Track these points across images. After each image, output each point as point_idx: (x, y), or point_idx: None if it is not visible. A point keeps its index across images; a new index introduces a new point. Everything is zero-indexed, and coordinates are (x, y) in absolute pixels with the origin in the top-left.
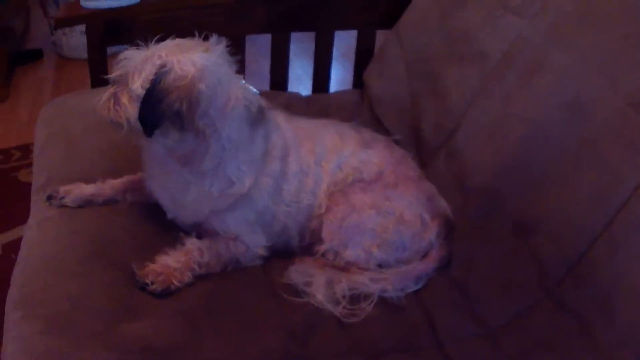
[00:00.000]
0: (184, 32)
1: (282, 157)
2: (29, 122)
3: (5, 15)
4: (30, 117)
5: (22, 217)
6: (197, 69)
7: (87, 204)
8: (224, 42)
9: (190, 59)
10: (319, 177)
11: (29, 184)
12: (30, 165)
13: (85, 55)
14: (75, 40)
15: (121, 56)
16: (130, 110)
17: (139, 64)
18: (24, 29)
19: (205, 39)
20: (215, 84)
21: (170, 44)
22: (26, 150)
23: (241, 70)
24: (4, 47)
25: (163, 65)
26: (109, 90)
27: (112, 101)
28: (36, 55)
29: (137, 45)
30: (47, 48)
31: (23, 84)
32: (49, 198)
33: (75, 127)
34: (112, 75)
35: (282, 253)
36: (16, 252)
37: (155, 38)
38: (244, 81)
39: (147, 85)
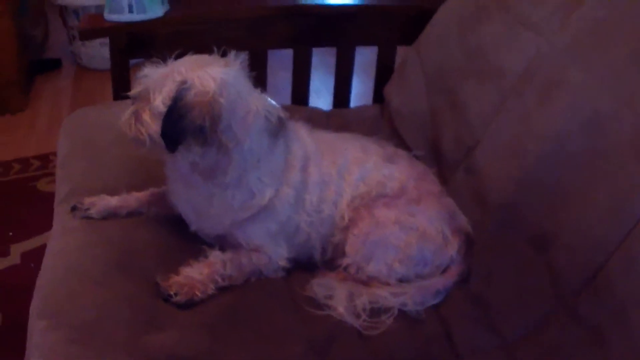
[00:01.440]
0: (206, 46)
1: (303, 167)
2: (48, 131)
3: (25, 24)
4: (49, 126)
5: (40, 226)
6: (217, 83)
7: (111, 215)
8: (241, 57)
9: (210, 74)
10: (340, 188)
11: (48, 194)
12: (49, 174)
13: (104, 65)
14: (94, 50)
15: (140, 73)
16: (152, 126)
17: (159, 81)
18: (43, 38)
19: (224, 54)
20: (236, 98)
21: (189, 59)
22: (45, 159)
23: (262, 84)
24: (24, 56)
25: (184, 82)
26: (130, 107)
27: (133, 118)
28: (55, 65)
29: (156, 61)
30: (65, 58)
31: (42, 94)
32: (74, 209)
33: (99, 140)
34: (133, 92)
35: (304, 266)
36: (35, 261)
37: (174, 54)
38: (263, 94)
39: (168, 102)
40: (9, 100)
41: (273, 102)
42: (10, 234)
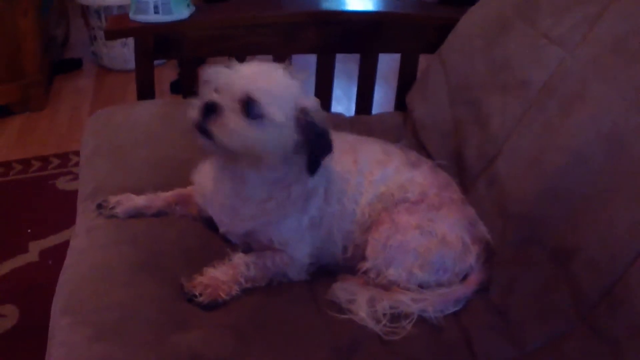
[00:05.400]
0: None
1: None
2: (67, 130)
3: (47, 24)
4: (69, 125)
5: (59, 224)
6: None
7: (137, 215)
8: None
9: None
10: (361, 185)
11: (67, 192)
12: (68, 173)
13: (125, 66)
14: (116, 51)
15: (207, 70)
16: (252, 132)
17: (274, 95)
18: (64, 38)
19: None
20: None
21: (267, 66)
22: (65, 158)
23: None
24: (46, 55)
25: (305, 107)
26: (209, 97)
27: (219, 124)
28: (76, 65)
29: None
30: (86, 58)
31: (62, 93)
32: (99, 207)
33: (124, 139)
34: (208, 90)
35: (326, 268)
36: (53, 259)
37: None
38: None
39: (291, 119)
40: (30, 99)
41: None
42: (29, 231)
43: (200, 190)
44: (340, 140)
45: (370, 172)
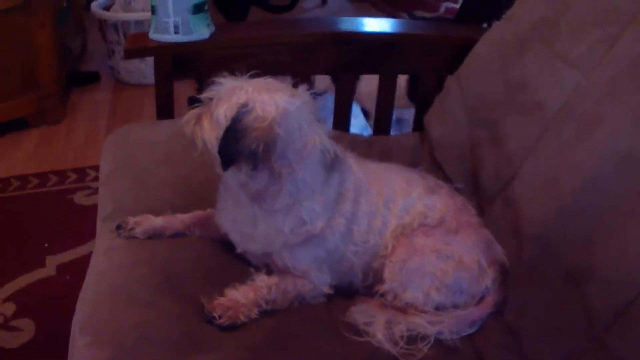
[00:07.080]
0: (251, 70)
1: (354, 198)
2: (84, 144)
3: (64, 36)
4: (86, 139)
5: (76, 239)
6: (278, 112)
7: (155, 236)
8: (309, 91)
9: (274, 101)
10: (386, 218)
11: (85, 207)
12: (86, 188)
13: (142, 80)
14: (133, 65)
15: (215, 79)
16: (208, 132)
17: (227, 93)
18: (81, 51)
19: (295, 84)
20: (294, 129)
21: (260, 81)
22: (82, 172)
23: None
24: (63, 68)
25: (245, 104)
26: (196, 110)
27: (194, 119)
28: (93, 78)
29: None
30: (104, 71)
31: (79, 106)
32: (118, 228)
33: (143, 159)
34: (203, 96)
35: (344, 292)
36: (70, 273)
37: (250, 72)
38: (326, 127)
39: (229, 115)
40: (47, 112)
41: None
42: (46, 245)
43: (218, 205)
44: (365, 171)
45: (394, 203)
